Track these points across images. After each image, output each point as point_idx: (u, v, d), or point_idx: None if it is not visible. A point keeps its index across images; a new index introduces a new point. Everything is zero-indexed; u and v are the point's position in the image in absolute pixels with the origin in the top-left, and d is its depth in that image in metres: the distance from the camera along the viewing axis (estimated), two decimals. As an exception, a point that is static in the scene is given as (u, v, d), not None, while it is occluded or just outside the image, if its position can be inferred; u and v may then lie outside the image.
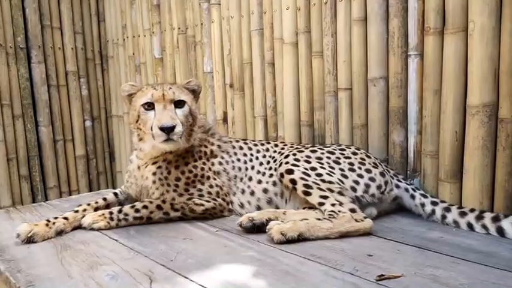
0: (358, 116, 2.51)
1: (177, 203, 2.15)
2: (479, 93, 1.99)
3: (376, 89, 2.39)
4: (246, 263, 1.66)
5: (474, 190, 2.06)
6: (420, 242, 1.87)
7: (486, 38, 1.94)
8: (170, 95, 2.12)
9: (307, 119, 2.78)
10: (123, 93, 2.30)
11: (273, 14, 2.89)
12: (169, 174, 2.16)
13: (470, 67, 2.00)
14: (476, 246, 1.80)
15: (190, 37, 3.57)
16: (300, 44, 2.74)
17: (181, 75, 3.71)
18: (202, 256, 1.74)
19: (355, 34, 2.45)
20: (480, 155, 2.02)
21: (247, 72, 3.13)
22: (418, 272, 1.56)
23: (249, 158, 2.39)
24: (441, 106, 2.16)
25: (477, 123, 2.01)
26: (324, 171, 2.15)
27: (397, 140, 2.36)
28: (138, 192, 2.29)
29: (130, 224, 2.11)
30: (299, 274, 1.56)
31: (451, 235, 1.95)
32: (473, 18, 1.96)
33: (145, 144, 2.21)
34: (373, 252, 1.76)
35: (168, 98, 2.11)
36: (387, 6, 2.31)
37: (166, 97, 2.11)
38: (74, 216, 2.09)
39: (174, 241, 1.92)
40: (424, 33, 2.19)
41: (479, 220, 1.97)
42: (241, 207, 2.27)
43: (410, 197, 2.19)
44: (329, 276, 1.54)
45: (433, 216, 2.11)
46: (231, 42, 3.21)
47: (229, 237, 1.96)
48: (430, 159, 2.24)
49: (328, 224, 1.90)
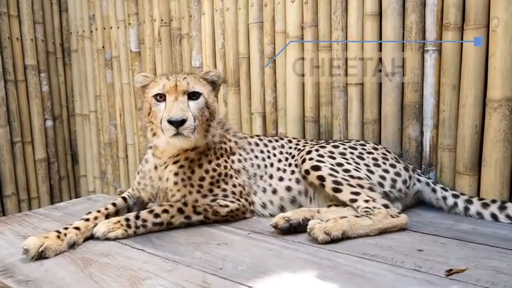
0: (371, 111, 2.49)
1: (200, 205, 1.98)
2: (502, 87, 2.04)
3: (391, 84, 2.38)
4: (303, 266, 1.56)
5: (495, 181, 2.12)
6: (456, 234, 1.87)
7: (510, 34, 1.99)
8: (183, 86, 1.94)
9: (313, 114, 2.72)
10: (136, 84, 2.10)
11: (274, 6, 2.79)
12: (193, 174, 1.98)
13: (494, 62, 2.05)
14: (510, 236, 1.84)
15: (175, 29, 3.36)
16: (306, 38, 2.67)
17: (163, 70, 3.48)
18: (251, 262, 1.60)
19: (368, 29, 2.43)
20: (502, 147, 2.08)
21: (243, 67, 3.00)
22: (478, 264, 1.55)
23: (267, 154, 2.27)
24: (460, 100, 2.19)
25: (499, 117, 2.06)
26: (351, 166, 2.10)
27: (412, 134, 2.37)
28: (153, 195, 2.08)
29: (149, 231, 1.91)
30: (366, 275, 1.48)
31: (481, 226, 1.98)
32: (497, 14, 2.01)
33: (159, 140, 2.01)
34: (420, 247, 1.73)
35: (180, 88, 1.93)
36: (403, 1, 2.31)
37: (179, 88, 1.93)
38: (85, 226, 1.84)
39: (208, 247, 1.76)
40: (442, 28, 2.21)
41: (502, 210, 2.02)
42: (263, 208, 2.15)
43: (432, 190, 2.21)
44: (397, 274, 1.48)
45: (456, 208, 2.14)
46: (225, 36, 3.06)
47: (266, 240, 1.83)
48: (448, 153, 2.27)
49: (368, 221, 1.85)
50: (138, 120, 3.75)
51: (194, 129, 1.89)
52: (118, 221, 1.86)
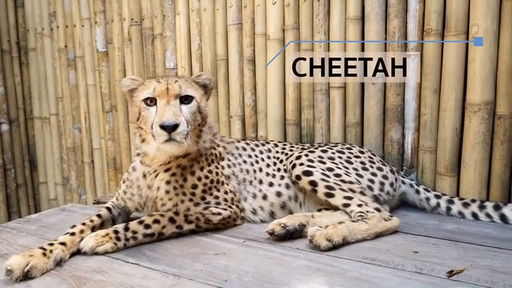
0: (353, 114, 2.52)
1: (192, 214, 1.91)
2: (481, 92, 2.13)
3: (374, 88, 2.42)
4: (308, 274, 1.54)
5: (474, 182, 2.21)
6: (444, 234, 1.93)
7: (489, 41, 2.09)
8: (175, 89, 1.85)
9: (294, 117, 2.71)
10: (123, 88, 1.99)
11: (254, 8, 2.75)
12: (186, 182, 1.90)
13: (473, 67, 2.13)
14: (494, 235, 1.92)
15: (147, 29, 3.23)
16: (287, 40, 2.66)
17: (134, 71, 3.34)
18: (255, 272, 1.56)
19: (351, 32, 2.45)
20: (480, 149, 2.17)
21: (221, 69, 2.94)
22: (473, 264, 1.61)
23: (255, 159, 2.23)
24: (441, 104, 2.27)
25: (479, 120, 2.15)
26: (341, 171, 2.11)
27: (395, 137, 2.42)
28: (141, 204, 1.98)
29: (139, 243, 1.80)
30: (372, 280, 1.49)
31: (464, 225, 2.06)
32: (477, 22, 2.09)
33: (149, 147, 1.91)
34: (415, 249, 1.77)
35: (172, 92, 1.84)
36: (386, 7, 2.35)
37: (170, 91, 1.84)
38: (71, 241, 1.71)
39: (207, 258, 1.69)
40: (424, 34, 2.27)
41: (482, 209, 2.11)
42: (253, 214, 2.11)
43: (415, 192, 2.27)
44: (401, 278, 1.50)
45: (438, 208, 2.21)
46: (202, 37, 2.98)
47: (263, 248, 1.79)
48: (429, 155, 2.34)
49: (365, 226, 1.86)
50: (106, 124, 3.58)
51: (187, 135, 1.79)
52: (106, 234, 1.75)
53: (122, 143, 3.52)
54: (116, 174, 3.64)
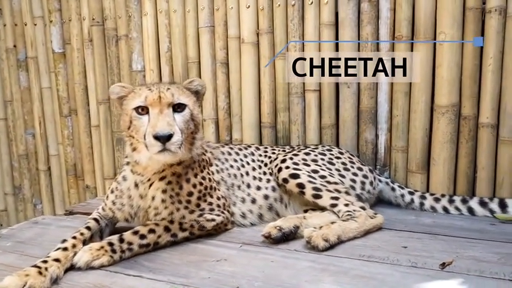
0: (329, 117, 2.61)
1: (187, 222, 1.88)
2: (449, 95, 2.31)
3: (349, 91, 2.53)
4: (315, 274, 1.59)
5: (443, 178, 2.39)
6: (424, 228, 2.07)
7: (455, 47, 2.26)
8: (168, 98, 1.79)
9: (270, 120, 2.75)
10: (112, 95, 1.90)
11: (227, 11, 2.75)
12: (181, 190, 1.86)
13: (441, 72, 2.30)
14: (467, 226, 2.10)
15: (110, 30, 3.10)
16: (262, 44, 2.69)
17: (95, 73, 3.19)
18: (263, 276, 1.58)
19: (325, 38, 2.54)
20: (448, 148, 2.36)
21: (193, 72, 2.90)
22: (458, 255, 1.74)
23: (240, 163, 2.24)
24: (412, 106, 2.42)
25: (446, 121, 2.33)
26: (326, 172, 2.19)
27: (369, 138, 2.55)
28: (131, 214, 1.91)
29: (134, 254, 1.75)
30: (376, 276, 1.57)
31: (438, 219, 2.22)
32: (444, 30, 2.26)
33: (140, 155, 1.84)
34: (403, 244, 1.88)
35: (165, 100, 1.78)
36: (359, 13, 2.46)
37: (163, 100, 1.78)
38: (65, 256, 1.61)
39: (210, 265, 1.68)
40: (394, 40, 2.41)
41: (451, 203, 2.30)
42: (243, 218, 2.12)
43: (391, 189, 2.40)
44: (401, 272, 1.59)
45: (412, 204, 2.36)
46: (172, 39, 2.92)
47: (262, 251, 1.81)
48: (401, 154, 2.49)
49: (355, 224, 1.94)
50: (64, 128, 3.39)
51: (181, 144, 1.74)
52: (101, 247, 1.67)
53: (83, 149, 3.35)
54: (77, 181, 3.45)
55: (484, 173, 2.34)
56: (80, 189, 3.47)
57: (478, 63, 2.28)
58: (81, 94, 3.28)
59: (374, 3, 2.42)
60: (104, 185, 3.33)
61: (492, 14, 2.20)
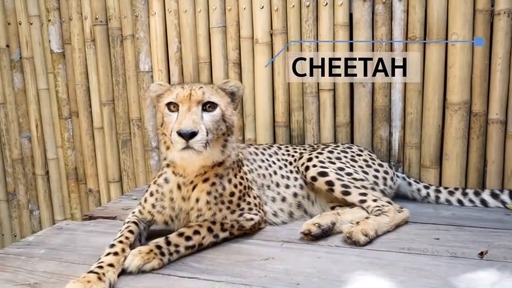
0: (344, 115, 2.68)
1: (228, 222, 1.88)
2: (461, 93, 2.43)
3: (365, 90, 2.60)
4: (367, 268, 1.64)
5: (456, 172, 2.51)
6: (447, 221, 2.17)
7: (466, 47, 2.39)
8: (198, 96, 1.78)
9: (284, 119, 2.79)
10: (151, 94, 1.91)
11: (239, 11, 2.76)
12: (224, 190, 1.86)
13: (454, 71, 2.42)
14: (484, 217, 2.21)
15: (114, 30, 3.04)
16: (277, 44, 2.72)
17: (99, 74, 3.12)
18: (317, 272, 1.62)
19: (341, 38, 2.60)
20: (461, 143, 2.48)
21: (205, 72, 2.90)
22: (489, 244, 1.84)
23: (267, 163, 2.27)
24: (425, 104, 2.53)
25: (459, 117, 2.45)
26: (351, 170, 2.25)
27: (383, 135, 2.64)
28: (172, 217, 1.89)
29: (181, 256, 1.74)
30: (424, 267, 1.64)
31: (456, 211, 2.32)
32: (456, 31, 2.38)
33: (173, 154, 1.81)
34: (433, 236, 1.97)
35: (195, 98, 1.77)
36: (373, 15, 2.54)
37: (193, 97, 1.77)
38: (117, 261, 1.58)
39: (260, 264, 1.70)
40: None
41: (465, 196, 2.42)
42: (275, 216, 2.15)
43: (408, 184, 2.50)
44: (446, 263, 1.68)
45: (428, 198, 2.46)
46: (182, 39, 2.90)
47: (305, 248, 1.85)
48: (415, 150, 2.60)
49: (387, 219, 2.02)
50: (64, 131, 3.29)
51: (206, 144, 1.71)
52: (150, 250, 1.65)
53: (85, 152, 3.26)
54: (78, 185, 3.36)
55: (493, 167, 2.47)
56: (81, 194, 3.38)
57: (488, 62, 2.41)
58: (83, 95, 3.19)
59: (388, 5, 2.50)
60: (108, 188, 3.26)
61: (501, 16, 2.33)
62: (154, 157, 3.11)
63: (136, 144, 3.14)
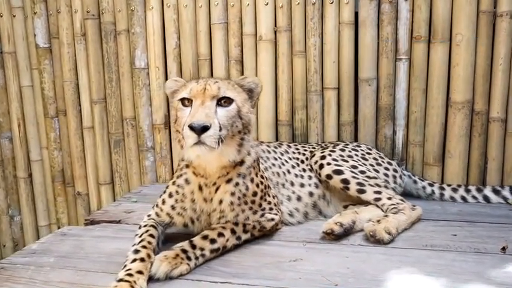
0: (348, 114, 2.68)
1: (250, 223, 1.82)
2: (464, 92, 2.48)
3: (370, 88, 2.61)
4: (398, 266, 1.63)
5: (458, 169, 2.56)
6: (457, 217, 2.20)
7: (470, 48, 2.44)
8: (213, 90, 1.68)
9: (288, 118, 2.75)
10: (167, 90, 1.83)
11: (242, 7, 2.70)
12: (247, 190, 1.79)
13: (458, 71, 2.47)
14: (491, 213, 2.26)
15: (107, 24, 2.89)
16: (281, 42, 2.67)
17: (89, 70, 2.96)
18: (350, 272, 1.59)
19: (346, 36, 2.60)
20: (464, 141, 2.53)
21: (205, 69, 2.81)
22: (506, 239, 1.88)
23: (280, 161, 2.22)
24: (429, 103, 2.57)
25: (462, 116, 2.50)
26: (364, 168, 2.25)
27: (388, 133, 2.65)
28: (193, 219, 1.80)
29: (206, 260, 1.66)
30: (453, 264, 1.65)
31: (462, 208, 2.36)
32: (461, 31, 2.43)
33: (188, 153, 1.70)
34: (450, 232, 1.99)
35: (209, 93, 1.67)
36: (379, 14, 2.55)
37: (207, 92, 1.67)
38: (145, 267, 1.49)
39: (290, 265, 1.66)
40: (413, 40, 2.53)
41: (468, 192, 2.47)
42: (291, 216, 2.10)
43: (413, 182, 2.52)
44: (472, 258, 1.69)
45: (433, 195, 2.49)
46: (181, 35, 2.80)
47: (330, 248, 1.82)
48: (418, 148, 2.63)
49: (404, 217, 2.02)
50: (50, 131, 3.11)
51: (219, 139, 1.59)
52: (177, 255, 1.56)
53: (73, 152, 3.09)
54: (65, 188, 3.18)
55: (494, 164, 2.54)
56: (68, 197, 3.20)
57: (490, 63, 2.47)
58: (72, 93, 3.03)
59: (394, 4, 2.52)
60: (99, 191, 3.10)
61: (503, 17, 2.40)
62: (150, 158, 2.99)
63: (130, 144, 3.00)
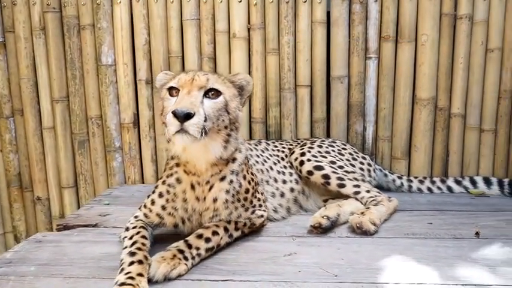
0: (321, 111, 2.74)
1: (242, 220, 1.81)
2: (429, 89, 2.64)
3: (342, 86, 2.69)
4: (388, 254, 1.70)
5: (424, 163, 2.72)
6: (428, 207, 2.33)
7: (435, 47, 2.59)
8: (201, 81, 1.63)
9: (261, 115, 2.76)
10: (157, 83, 1.78)
11: (215, 4, 2.67)
12: (241, 188, 1.77)
13: (423, 69, 2.61)
14: (457, 202, 2.42)
15: (70, 18, 2.74)
16: (255, 40, 2.68)
17: (50, 67, 2.79)
18: (347, 262, 1.63)
19: (319, 35, 2.66)
20: (429, 136, 2.69)
21: (177, 67, 2.75)
22: (476, 225, 2.03)
23: (262, 159, 2.23)
24: (396, 100, 2.69)
25: (427, 112, 2.66)
26: (342, 163, 2.32)
27: (359, 129, 2.75)
28: (184, 218, 1.74)
29: (201, 259, 1.63)
30: (437, 249, 1.75)
31: (429, 198, 2.51)
32: (426, 32, 2.57)
33: (175, 147, 1.68)
34: (426, 221, 2.11)
35: (197, 83, 1.63)
36: (350, 13, 2.64)
37: (195, 82, 1.63)
38: (144, 269, 1.42)
39: (286, 260, 1.66)
40: (382, 40, 2.65)
41: (433, 184, 2.62)
42: (275, 212, 2.12)
43: (384, 175, 2.64)
44: (454, 244, 1.80)
45: (402, 187, 2.63)
46: (151, 31, 2.72)
47: (320, 241, 1.85)
48: (387, 143, 2.75)
49: (384, 208, 2.10)
50: (5, 132, 2.90)
51: (203, 130, 1.53)
52: (174, 256, 1.52)
53: (32, 155, 2.89)
54: (22, 193, 2.97)
55: (455, 156, 2.72)
56: (26, 203, 2.98)
57: (451, 62, 2.64)
58: (30, 91, 2.83)
59: (364, 5, 2.61)
60: (61, 195, 2.93)
61: (463, 19, 2.57)
62: (118, 158, 2.87)
63: (95, 145, 2.86)
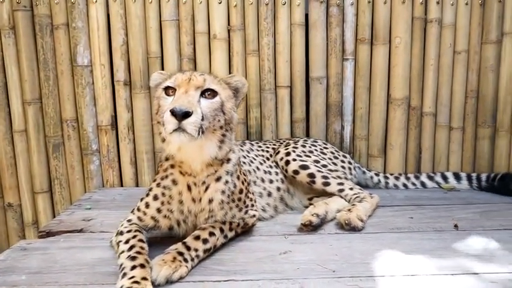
0: (301, 111, 2.80)
1: (236, 221, 1.82)
2: (403, 89, 2.76)
3: (321, 87, 2.76)
4: (378, 249, 1.77)
5: (399, 160, 2.84)
6: (406, 202, 2.44)
7: (407, 49, 2.72)
8: (198, 81, 1.65)
9: (242, 116, 2.78)
10: (151, 83, 1.76)
11: (194, 5, 2.66)
12: (235, 188, 1.78)
13: (397, 71, 2.73)
14: (432, 196, 2.55)
15: (42, 17, 2.64)
16: (235, 41, 2.69)
17: (21, 68, 2.68)
18: (342, 258, 1.68)
19: (298, 37, 2.71)
20: (403, 134, 2.81)
21: (156, 67, 2.71)
22: (453, 218, 2.15)
23: (249, 159, 2.25)
24: (372, 100, 2.80)
25: (401, 111, 2.78)
26: (325, 162, 2.39)
27: (337, 129, 2.83)
28: (179, 221, 1.73)
29: (200, 260, 1.63)
30: (422, 242, 1.84)
31: (406, 193, 2.62)
32: (399, 34, 2.69)
33: (169, 146, 1.67)
34: (407, 216, 2.21)
35: (194, 83, 1.64)
36: (327, 16, 2.71)
37: (192, 82, 1.64)
38: (147, 273, 1.41)
39: (283, 258, 1.69)
40: (358, 42, 2.74)
41: (408, 180, 2.76)
42: (264, 211, 2.15)
43: (362, 173, 2.74)
44: (437, 237, 1.91)
45: (379, 184, 2.74)
46: (129, 31, 2.67)
47: (311, 238, 1.90)
48: (364, 142, 2.85)
49: (368, 204, 2.19)
50: (-27, 137, 2.74)
51: (200, 129, 1.54)
52: (174, 258, 1.51)
53: (2, 160, 2.76)
54: (-8, 200, 2.83)
55: (427, 153, 2.87)
56: (-5, 210, 2.85)
57: (422, 63, 2.78)
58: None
59: (341, 8, 2.70)
60: (34, 200, 2.82)
61: (433, 23, 2.71)
62: (95, 161, 2.79)
63: (71, 148, 2.78)
